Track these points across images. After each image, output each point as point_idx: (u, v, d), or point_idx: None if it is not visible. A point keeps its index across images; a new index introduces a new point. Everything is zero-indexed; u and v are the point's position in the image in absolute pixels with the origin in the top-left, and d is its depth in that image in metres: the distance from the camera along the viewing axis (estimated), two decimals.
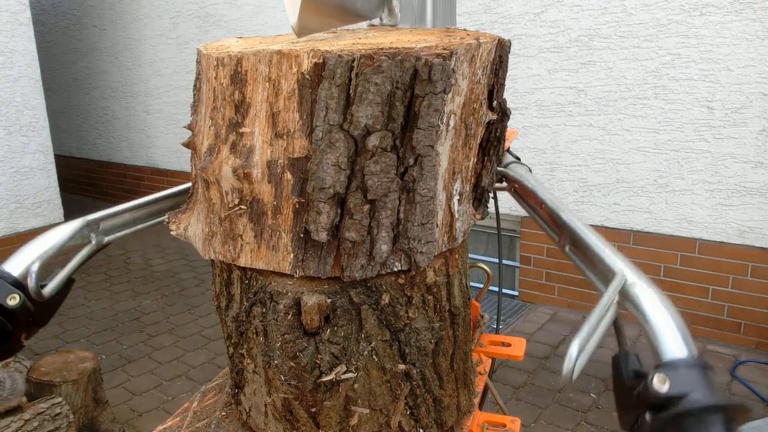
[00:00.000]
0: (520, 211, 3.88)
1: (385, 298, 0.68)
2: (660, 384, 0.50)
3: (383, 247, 0.65)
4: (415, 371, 0.72)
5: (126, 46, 5.93)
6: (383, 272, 0.67)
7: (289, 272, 0.67)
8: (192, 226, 0.77)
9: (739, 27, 3.01)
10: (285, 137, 0.62)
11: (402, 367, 0.71)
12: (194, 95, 0.72)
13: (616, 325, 0.61)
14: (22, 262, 0.70)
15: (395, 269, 0.67)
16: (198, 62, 0.70)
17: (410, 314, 0.70)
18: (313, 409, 0.68)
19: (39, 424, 2.05)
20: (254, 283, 0.70)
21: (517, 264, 4.05)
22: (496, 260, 3.67)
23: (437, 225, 0.69)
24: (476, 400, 0.87)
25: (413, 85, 0.59)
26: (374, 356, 0.68)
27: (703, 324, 3.40)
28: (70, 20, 6.36)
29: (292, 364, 0.67)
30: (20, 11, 4.55)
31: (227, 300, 0.75)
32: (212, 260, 0.76)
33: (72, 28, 6.37)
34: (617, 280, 0.61)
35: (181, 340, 3.54)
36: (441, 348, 0.74)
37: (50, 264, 0.73)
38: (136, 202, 0.86)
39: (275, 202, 0.65)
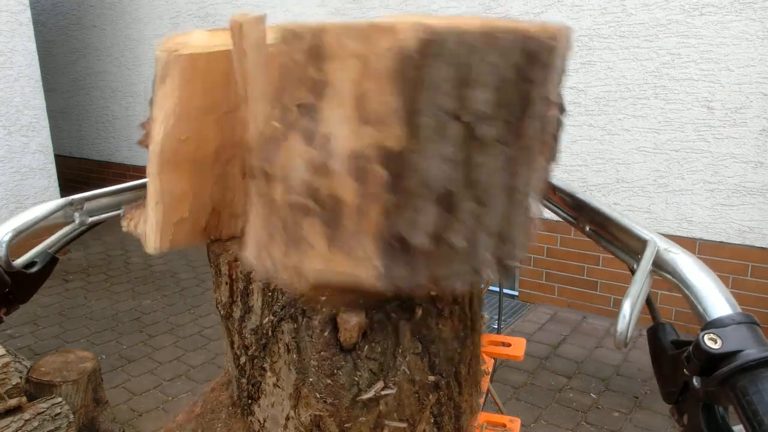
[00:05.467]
0: None
1: (418, 311, 0.65)
2: (711, 343, 0.49)
3: (485, 254, 0.56)
4: (443, 381, 0.70)
5: (126, 46, 5.93)
6: (475, 279, 0.58)
7: (373, 282, 0.56)
8: (141, 225, 0.73)
9: (739, 27, 3.01)
10: (375, 124, 0.51)
11: (432, 378, 0.69)
12: (154, 90, 0.65)
13: (647, 298, 0.60)
14: None
15: (485, 277, 0.59)
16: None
17: (440, 325, 0.68)
18: (347, 425, 0.66)
19: (39, 424, 2.05)
20: (280, 297, 0.66)
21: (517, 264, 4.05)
22: None
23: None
24: (481, 400, 0.87)
25: (527, 70, 0.51)
26: (407, 370, 0.66)
27: None
28: (70, 20, 6.35)
29: (329, 381, 0.63)
30: (20, 11, 4.54)
31: (243, 311, 0.71)
32: (218, 268, 0.73)
33: (72, 28, 6.37)
34: (650, 247, 0.60)
35: (181, 340, 3.54)
36: (463, 355, 0.73)
37: (29, 238, 0.73)
38: (122, 185, 0.86)
39: (358, 201, 0.53)
